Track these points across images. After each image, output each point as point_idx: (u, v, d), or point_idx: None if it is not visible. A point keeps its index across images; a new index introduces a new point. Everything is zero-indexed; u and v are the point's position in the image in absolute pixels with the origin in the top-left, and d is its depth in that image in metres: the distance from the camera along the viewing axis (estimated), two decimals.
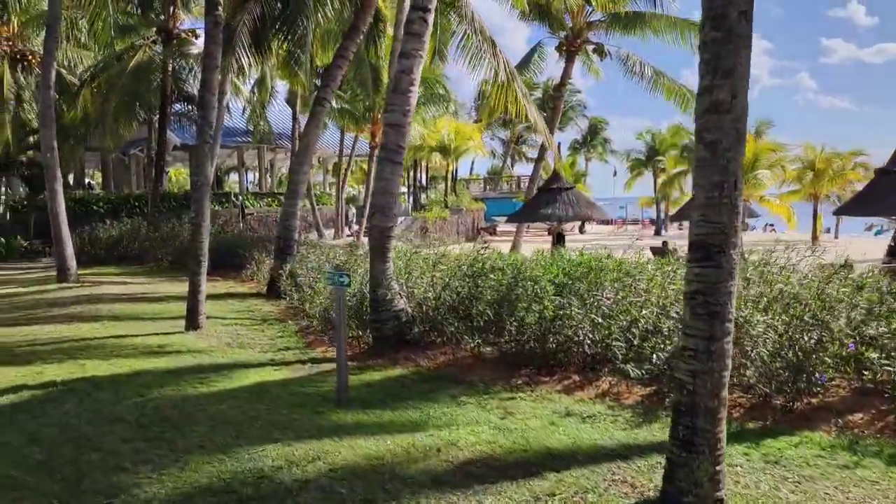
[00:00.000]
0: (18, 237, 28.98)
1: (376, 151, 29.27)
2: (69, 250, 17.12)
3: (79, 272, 17.66)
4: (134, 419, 6.41)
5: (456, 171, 52.04)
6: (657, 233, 47.90)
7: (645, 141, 51.37)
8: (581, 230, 44.67)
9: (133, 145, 39.47)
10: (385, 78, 22.14)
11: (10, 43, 27.53)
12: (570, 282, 8.34)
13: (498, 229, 49.67)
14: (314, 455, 5.47)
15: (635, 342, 7.58)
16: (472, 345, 8.67)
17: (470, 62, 13.25)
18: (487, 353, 8.56)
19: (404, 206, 48.67)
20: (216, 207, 36.16)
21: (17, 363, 8.82)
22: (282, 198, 42.17)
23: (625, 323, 7.78)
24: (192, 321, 10.95)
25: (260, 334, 10.95)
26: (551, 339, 8.06)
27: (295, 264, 14.94)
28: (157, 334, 10.73)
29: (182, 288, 16.47)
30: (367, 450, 5.60)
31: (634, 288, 8.23)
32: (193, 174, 11.12)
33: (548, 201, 21.35)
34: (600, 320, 7.79)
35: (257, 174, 47.22)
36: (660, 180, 51.21)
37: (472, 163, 63.05)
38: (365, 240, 30.40)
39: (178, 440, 5.85)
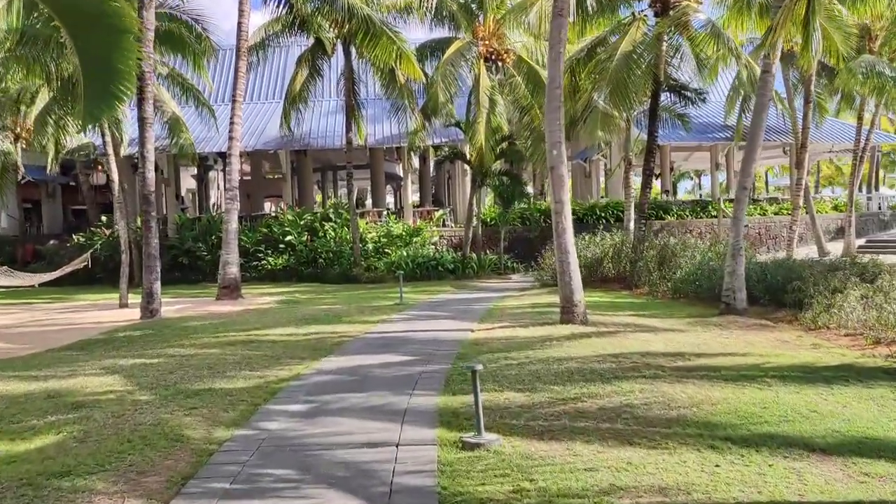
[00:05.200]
0: (489, 252, 27.19)
1: None
2: (577, 281, 12.70)
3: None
4: None
5: None
6: None
7: None
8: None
9: (592, 150, 36.07)
10: None
11: (486, 42, 25.66)
12: None
13: None
14: None
15: None
16: None
17: None
18: None
19: None
20: (690, 217, 30.53)
21: None
22: (763, 204, 34.74)
23: None
24: None
25: None
26: None
27: None
28: None
29: (749, 344, 10.65)
30: None
31: None
32: None
33: None
34: None
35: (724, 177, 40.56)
36: None
37: None
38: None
39: None
